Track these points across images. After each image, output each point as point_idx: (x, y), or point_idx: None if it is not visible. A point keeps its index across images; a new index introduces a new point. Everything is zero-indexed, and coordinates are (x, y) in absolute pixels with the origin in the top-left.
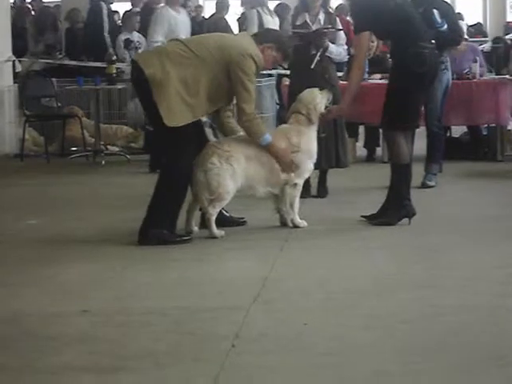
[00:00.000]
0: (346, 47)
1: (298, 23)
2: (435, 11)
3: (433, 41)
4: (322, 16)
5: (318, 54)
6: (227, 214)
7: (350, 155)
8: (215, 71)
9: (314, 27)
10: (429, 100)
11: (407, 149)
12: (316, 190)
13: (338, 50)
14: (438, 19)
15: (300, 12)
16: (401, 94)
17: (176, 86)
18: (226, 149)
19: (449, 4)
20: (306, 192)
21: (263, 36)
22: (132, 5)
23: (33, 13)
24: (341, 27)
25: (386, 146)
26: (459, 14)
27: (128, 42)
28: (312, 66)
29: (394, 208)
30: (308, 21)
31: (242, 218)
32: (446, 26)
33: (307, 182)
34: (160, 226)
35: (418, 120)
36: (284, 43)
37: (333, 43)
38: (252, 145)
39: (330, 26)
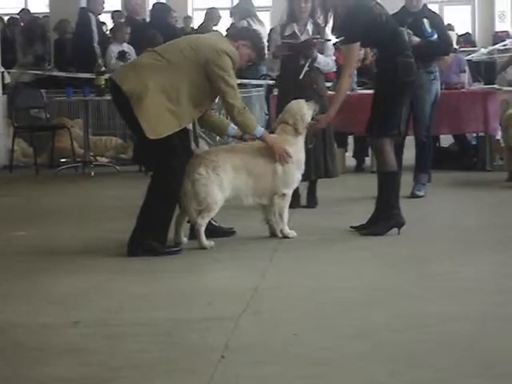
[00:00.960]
0: (334, 58)
1: (286, 33)
2: (425, 21)
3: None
4: (310, 26)
5: (307, 64)
6: (216, 224)
7: (338, 165)
8: (193, 74)
9: (302, 38)
10: (418, 110)
11: (394, 157)
12: (306, 200)
13: (326, 60)
14: (428, 29)
15: (288, 22)
16: (388, 102)
17: (156, 96)
18: (213, 159)
19: (438, 14)
20: (295, 202)
21: (238, 33)
22: (112, 18)
23: (21, 24)
24: (329, 38)
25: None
26: (449, 25)
27: (122, 54)
28: (301, 77)
29: (384, 218)
30: (297, 31)
31: (231, 229)
32: (435, 36)
33: (296, 193)
34: (149, 238)
35: (404, 127)
36: (259, 41)
37: (321, 54)
38: (239, 155)
39: (318, 37)
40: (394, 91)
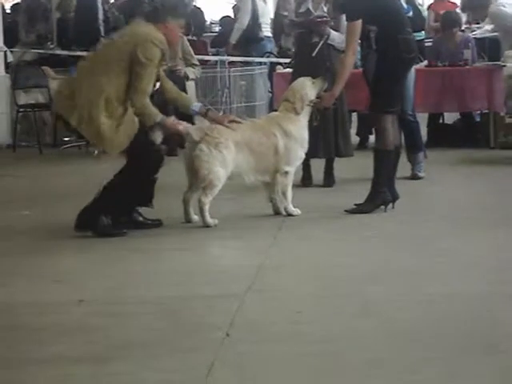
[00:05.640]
0: None
1: (300, 11)
2: None
3: None
4: (324, 4)
5: (321, 42)
6: (141, 219)
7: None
8: (128, 78)
9: (316, 14)
10: (405, 90)
11: (393, 136)
12: (322, 179)
13: (341, 37)
14: (405, 5)
15: (303, 0)
16: (389, 80)
17: (104, 116)
18: (214, 135)
19: None
20: (307, 181)
21: (158, 15)
22: None
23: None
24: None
25: None
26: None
27: None
28: (313, 54)
29: (371, 196)
30: (311, 8)
31: (158, 220)
32: (411, 13)
33: (308, 171)
34: (104, 214)
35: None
36: (176, 7)
37: (336, 31)
38: (241, 131)
39: (325, 15)
40: (395, 68)
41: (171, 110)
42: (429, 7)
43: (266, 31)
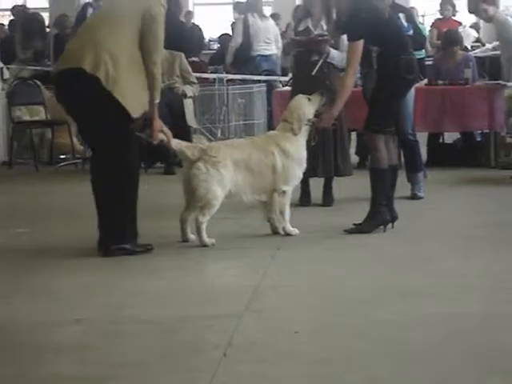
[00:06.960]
0: None
1: (300, 29)
2: (401, 15)
3: None
4: (324, 22)
5: (321, 60)
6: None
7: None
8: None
9: (316, 33)
10: (404, 108)
11: (387, 154)
12: (321, 198)
13: (341, 55)
14: (405, 23)
15: (303, 18)
16: (389, 99)
17: (127, 73)
18: (212, 154)
19: (409, 8)
20: (305, 200)
21: None
22: None
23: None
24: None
25: None
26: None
27: None
28: (313, 73)
29: (370, 216)
30: (310, 26)
31: (149, 245)
32: (411, 31)
33: (306, 190)
34: (119, 240)
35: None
36: None
37: (335, 49)
38: (239, 150)
39: (325, 34)
40: (394, 89)
41: None
42: (432, 24)
43: (264, 49)
